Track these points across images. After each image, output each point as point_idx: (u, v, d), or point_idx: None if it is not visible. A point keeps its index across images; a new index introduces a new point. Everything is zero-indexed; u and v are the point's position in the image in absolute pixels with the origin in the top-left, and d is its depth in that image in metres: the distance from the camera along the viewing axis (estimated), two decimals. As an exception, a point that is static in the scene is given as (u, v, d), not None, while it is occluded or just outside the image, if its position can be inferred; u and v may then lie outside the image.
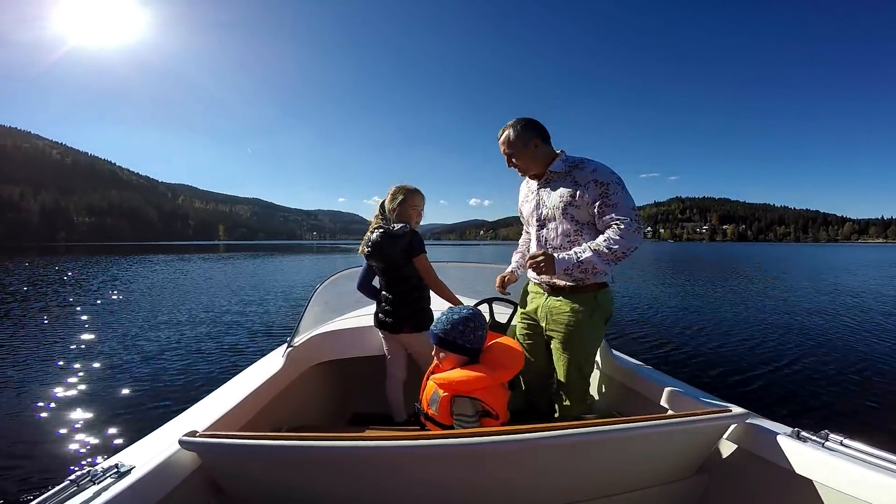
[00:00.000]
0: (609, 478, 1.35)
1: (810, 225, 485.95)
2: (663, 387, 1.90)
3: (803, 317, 8.86)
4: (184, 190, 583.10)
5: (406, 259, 2.22)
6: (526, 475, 1.25)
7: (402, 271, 2.25)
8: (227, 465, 1.25)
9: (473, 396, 1.53)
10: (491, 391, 1.56)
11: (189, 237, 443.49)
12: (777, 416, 1.52)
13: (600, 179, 1.74)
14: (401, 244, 2.20)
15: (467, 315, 1.66)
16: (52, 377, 4.78)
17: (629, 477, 1.38)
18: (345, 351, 2.65)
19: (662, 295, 12.51)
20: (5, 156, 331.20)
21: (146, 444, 1.34)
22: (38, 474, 2.86)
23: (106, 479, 1.10)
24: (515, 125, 1.90)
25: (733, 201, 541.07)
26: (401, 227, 2.22)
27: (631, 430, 1.20)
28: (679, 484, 1.47)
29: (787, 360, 5.57)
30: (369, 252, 2.31)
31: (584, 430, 1.17)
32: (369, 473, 1.20)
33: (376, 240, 2.26)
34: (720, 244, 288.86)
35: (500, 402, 1.58)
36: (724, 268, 26.07)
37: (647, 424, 1.22)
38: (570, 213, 1.82)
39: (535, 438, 1.14)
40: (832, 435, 1.29)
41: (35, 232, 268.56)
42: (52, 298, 11.02)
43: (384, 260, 2.26)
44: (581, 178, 1.79)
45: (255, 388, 1.83)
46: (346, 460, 1.16)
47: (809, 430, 1.34)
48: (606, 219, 1.72)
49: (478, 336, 1.65)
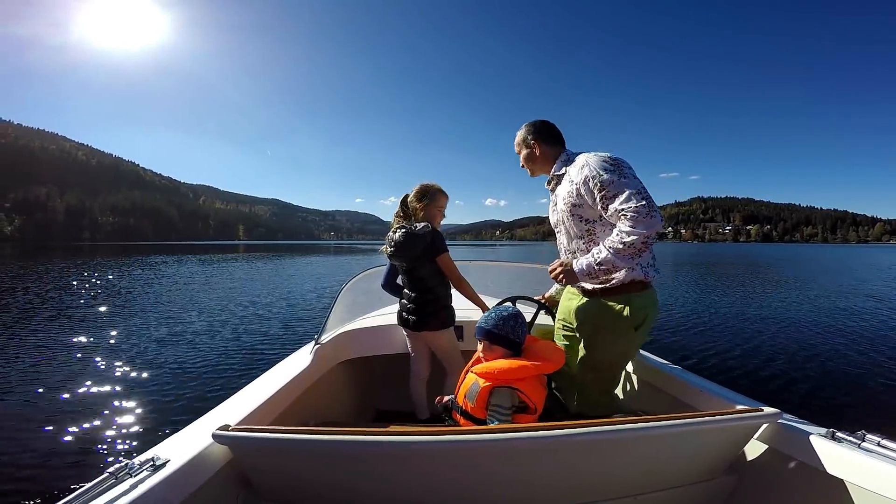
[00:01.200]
0: (635, 477, 1.34)
1: (839, 225, 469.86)
2: (692, 386, 1.87)
3: (838, 317, 8.54)
4: (205, 191, 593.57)
5: (429, 258, 2.26)
6: (551, 472, 1.24)
7: (425, 270, 2.28)
8: (257, 459, 1.27)
9: (514, 387, 1.55)
10: (532, 382, 1.58)
11: (209, 237, 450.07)
12: (811, 416, 1.49)
13: (592, 174, 1.66)
14: (423, 243, 2.22)
15: (515, 312, 1.71)
16: (95, 375, 4.95)
17: (656, 476, 1.37)
18: (370, 349, 2.68)
19: (690, 294, 12.38)
20: (33, 157, 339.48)
21: (181, 438, 1.37)
22: (81, 467, 3.01)
23: (142, 471, 1.13)
24: (523, 126, 1.91)
25: (757, 201, 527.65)
26: (423, 227, 2.24)
27: (658, 429, 1.19)
28: (707, 484, 1.45)
29: (821, 360, 5.50)
30: (393, 251, 2.32)
31: (610, 429, 1.16)
32: (394, 469, 1.21)
33: (399, 239, 2.27)
34: (744, 245, 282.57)
35: (539, 395, 1.59)
36: (750, 268, 25.66)
37: (675, 423, 1.21)
38: (576, 213, 1.77)
39: (560, 436, 1.14)
40: (869, 435, 1.24)
41: (61, 231, 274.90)
42: (87, 298, 11.13)
43: (407, 259, 2.29)
44: (574, 176, 1.73)
45: (284, 384, 1.86)
46: (373, 456, 1.17)
47: (845, 431, 1.30)
48: (612, 211, 1.62)
49: (523, 332, 1.70)
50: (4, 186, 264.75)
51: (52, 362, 5.43)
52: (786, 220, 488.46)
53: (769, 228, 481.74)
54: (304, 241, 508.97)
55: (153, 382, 4.68)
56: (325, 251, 60.20)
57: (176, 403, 4.11)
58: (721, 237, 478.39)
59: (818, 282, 16.42)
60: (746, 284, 15.61)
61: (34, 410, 3.98)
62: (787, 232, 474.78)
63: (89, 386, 4.57)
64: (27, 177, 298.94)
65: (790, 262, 32.26)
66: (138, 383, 4.68)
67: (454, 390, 1.77)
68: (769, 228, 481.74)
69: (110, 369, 5.15)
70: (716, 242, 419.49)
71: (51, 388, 4.51)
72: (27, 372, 5.06)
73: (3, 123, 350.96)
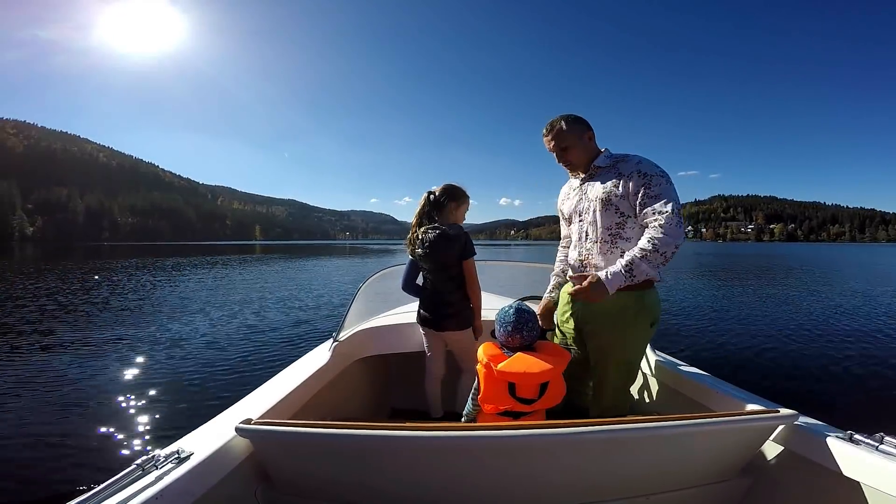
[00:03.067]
0: (649, 476, 1.34)
1: (867, 224, 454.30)
2: (707, 387, 1.86)
3: (859, 317, 8.52)
4: (223, 192, 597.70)
5: (458, 260, 2.27)
6: (563, 470, 1.25)
7: (452, 271, 2.29)
8: (276, 453, 1.31)
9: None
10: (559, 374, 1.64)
11: (226, 237, 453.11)
12: (829, 418, 1.47)
13: (644, 171, 1.73)
14: (457, 246, 2.23)
15: (532, 310, 1.77)
16: (121, 371, 5.18)
17: (669, 476, 1.36)
18: (387, 347, 2.68)
19: (706, 294, 12.29)
20: (55, 159, 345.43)
21: (204, 432, 1.41)
22: (110, 459, 3.12)
23: (167, 464, 1.17)
24: (566, 118, 1.89)
25: (780, 199, 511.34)
26: (455, 230, 2.27)
27: (672, 429, 1.19)
28: (721, 485, 1.44)
29: (839, 362, 5.46)
30: (425, 252, 2.30)
31: (623, 427, 1.16)
32: (408, 464, 1.23)
33: (433, 240, 2.26)
34: (768, 244, 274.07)
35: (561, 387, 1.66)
36: (773, 268, 25.26)
37: (689, 423, 1.20)
38: (613, 203, 1.79)
39: (573, 433, 1.14)
40: (887, 438, 1.23)
41: (81, 232, 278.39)
42: (111, 296, 11.51)
43: (438, 260, 2.28)
44: (625, 170, 1.78)
45: (303, 380, 1.90)
46: (387, 451, 1.19)
47: (863, 433, 1.28)
48: (648, 210, 1.67)
49: (538, 329, 1.76)
50: (27, 188, 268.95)
51: (83, 360, 5.62)
52: (811, 218, 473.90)
53: (793, 227, 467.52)
54: (319, 240, 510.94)
55: (177, 378, 4.85)
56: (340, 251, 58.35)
57: (199, 398, 4.24)
58: (743, 236, 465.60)
59: (840, 281, 15.96)
60: (765, 284, 15.46)
61: (67, 404, 4.14)
62: (813, 231, 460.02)
63: (118, 382, 4.78)
64: (49, 178, 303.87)
65: (817, 261, 32.02)
66: (164, 378, 4.85)
67: (468, 390, 1.81)
68: (793, 227, 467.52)
69: (137, 365, 5.38)
70: (738, 242, 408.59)
71: (85, 384, 4.70)
72: (60, 368, 5.26)
73: (26, 125, 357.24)
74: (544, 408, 1.63)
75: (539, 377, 1.57)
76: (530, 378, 1.57)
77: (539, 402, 1.60)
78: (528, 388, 1.58)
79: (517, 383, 1.59)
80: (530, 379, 1.57)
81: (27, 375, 4.96)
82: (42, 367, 5.24)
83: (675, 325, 7.68)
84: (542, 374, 1.57)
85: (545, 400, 1.60)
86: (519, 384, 1.58)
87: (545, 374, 1.57)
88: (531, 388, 1.58)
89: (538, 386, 1.58)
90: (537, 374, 1.56)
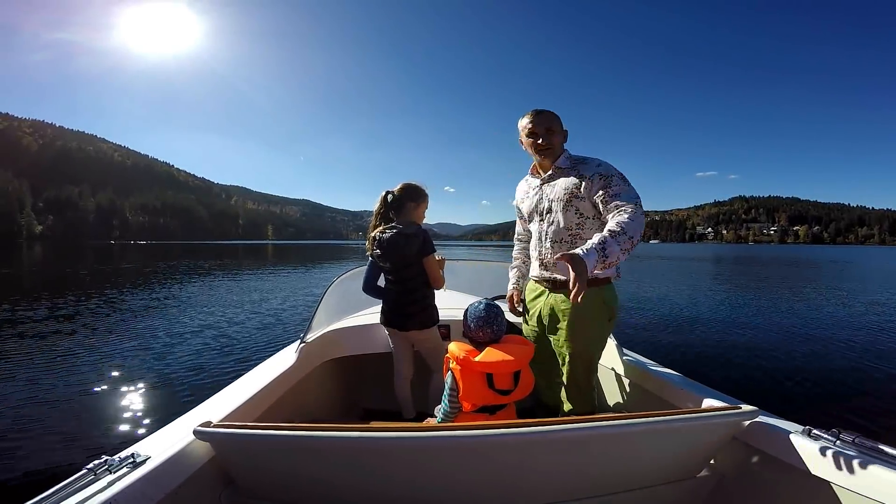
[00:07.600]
0: (614, 475, 1.34)
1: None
2: (674, 385, 1.88)
3: (823, 319, 8.76)
4: (237, 191, 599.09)
5: (418, 258, 2.25)
6: (531, 470, 1.24)
7: (412, 270, 2.27)
8: (239, 456, 1.26)
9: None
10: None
11: (238, 237, 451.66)
12: (788, 414, 1.51)
13: (603, 172, 1.76)
14: (416, 244, 2.22)
15: (499, 306, 1.81)
16: (76, 372, 4.88)
17: (635, 474, 1.37)
18: (356, 347, 2.66)
19: (671, 293, 12.42)
20: (70, 158, 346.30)
21: (162, 436, 1.35)
22: (56, 464, 2.91)
23: (122, 468, 1.11)
24: (552, 112, 1.93)
25: (803, 201, 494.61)
26: (415, 228, 2.25)
27: (636, 427, 1.19)
28: (686, 482, 1.45)
29: (798, 359, 5.62)
30: (382, 252, 2.28)
31: (588, 426, 1.16)
32: (377, 465, 1.20)
33: (391, 239, 2.25)
34: (793, 246, 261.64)
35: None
36: (743, 268, 25.58)
37: (653, 421, 1.20)
38: (574, 204, 1.83)
39: (539, 432, 1.13)
40: (843, 433, 1.26)
41: (91, 230, 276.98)
42: (75, 298, 10.84)
43: (398, 259, 2.26)
44: (586, 171, 1.80)
45: (268, 382, 1.85)
46: (356, 452, 1.16)
47: (821, 429, 1.32)
48: (611, 205, 1.70)
49: (505, 324, 1.81)
50: (39, 187, 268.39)
51: (33, 360, 5.32)
52: (836, 220, 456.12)
53: (818, 229, 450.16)
54: (332, 240, 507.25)
55: (136, 380, 4.60)
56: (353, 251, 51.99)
57: (158, 401, 4.06)
58: (766, 238, 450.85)
59: (796, 284, 16.11)
60: (728, 284, 16.00)
61: (11, 407, 3.87)
62: (840, 233, 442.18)
63: (72, 383, 4.49)
64: (62, 177, 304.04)
65: (853, 264, 31.37)
66: (123, 381, 4.57)
67: (439, 391, 1.78)
68: (818, 229, 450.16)
69: (93, 367, 5.06)
70: (761, 244, 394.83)
71: (32, 385, 4.42)
72: (8, 369, 4.98)
73: (42, 124, 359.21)
74: (517, 398, 1.67)
75: (513, 365, 1.62)
76: (506, 366, 1.61)
77: (514, 392, 1.65)
78: (504, 379, 1.63)
79: (494, 374, 1.62)
80: (506, 367, 1.61)
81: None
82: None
83: (643, 323, 7.93)
84: (516, 363, 1.63)
85: (519, 390, 1.65)
86: (496, 374, 1.62)
87: (518, 362, 1.63)
88: (507, 377, 1.63)
89: (512, 375, 1.64)
90: (512, 362, 1.62)
